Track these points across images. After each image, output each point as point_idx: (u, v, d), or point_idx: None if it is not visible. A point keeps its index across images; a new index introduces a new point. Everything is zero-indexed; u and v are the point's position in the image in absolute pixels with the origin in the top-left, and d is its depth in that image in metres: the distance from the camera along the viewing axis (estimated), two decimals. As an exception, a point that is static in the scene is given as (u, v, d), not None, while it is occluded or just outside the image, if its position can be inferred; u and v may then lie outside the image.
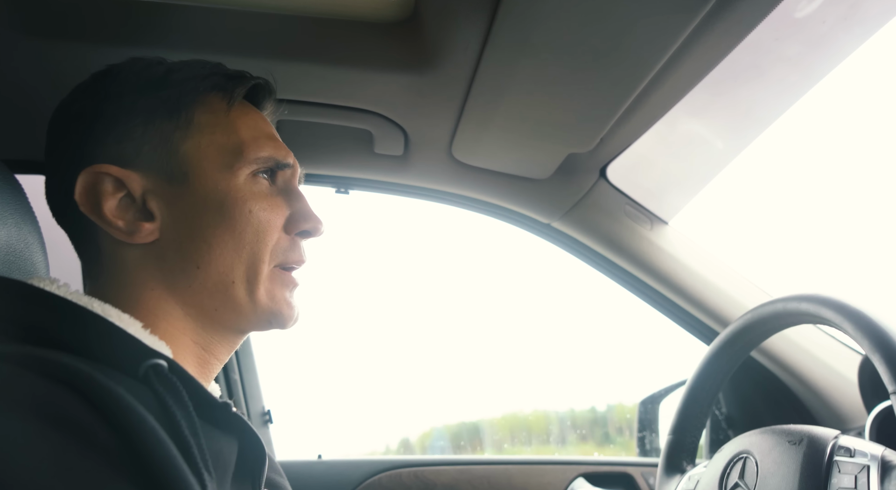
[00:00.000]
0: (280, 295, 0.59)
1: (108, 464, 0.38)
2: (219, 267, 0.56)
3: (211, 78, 0.59)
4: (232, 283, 0.57)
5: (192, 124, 0.58)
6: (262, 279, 0.58)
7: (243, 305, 0.57)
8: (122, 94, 0.57)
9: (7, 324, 0.46)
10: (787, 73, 0.91)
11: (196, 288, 0.56)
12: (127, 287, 0.56)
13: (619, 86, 0.81)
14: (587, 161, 1.09)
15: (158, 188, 0.56)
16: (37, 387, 0.39)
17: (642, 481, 1.29)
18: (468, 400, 2.20)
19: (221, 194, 0.57)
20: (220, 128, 0.59)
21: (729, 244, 1.25)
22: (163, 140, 0.57)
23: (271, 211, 0.59)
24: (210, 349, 0.59)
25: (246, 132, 0.60)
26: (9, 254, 0.59)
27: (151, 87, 0.57)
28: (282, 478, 0.70)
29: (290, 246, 0.60)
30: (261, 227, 0.57)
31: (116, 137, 0.56)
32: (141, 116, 0.57)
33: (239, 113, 0.60)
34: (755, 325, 0.82)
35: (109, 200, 0.55)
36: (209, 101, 0.59)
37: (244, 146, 0.59)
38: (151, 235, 0.56)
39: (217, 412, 0.51)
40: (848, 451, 0.63)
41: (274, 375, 1.43)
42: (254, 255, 0.57)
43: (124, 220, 0.56)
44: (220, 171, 0.57)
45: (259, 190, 0.59)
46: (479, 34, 0.76)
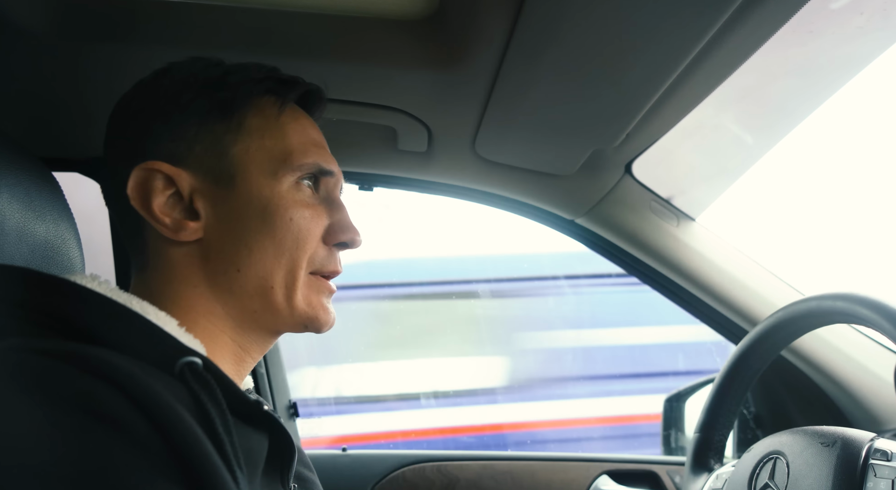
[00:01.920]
0: (317, 301, 0.60)
1: (148, 459, 0.39)
2: (258, 271, 0.57)
3: (265, 82, 0.60)
4: (271, 288, 0.58)
5: (243, 127, 0.58)
6: (300, 285, 0.59)
7: (281, 309, 0.58)
8: (179, 92, 0.59)
9: (48, 319, 0.48)
10: (822, 67, 0.89)
11: (236, 290, 0.57)
12: (171, 283, 0.57)
13: (647, 81, 0.80)
14: (613, 157, 1.08)
15: (206, 188, 0.57)
16: (79, 382, 0.41)
17: (667, 480, 1.28)
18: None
19: (265, 200, 0.57)
20: (270, 132, 0.59)
21: (759, 241, 1.22)
22: (214, 141, 0.58)
23: (312, 220, 0.59)
24: (246, 348, 0.60)
25: (294, 138, 0.60)
26: (47, 250, 0.61)
27: (208, 88, 0.58)
28: (311, 472, 0.72)
29: (327, 255, 0.61)
30: (301, 235, 0.58)
31: (171, 135, 0.58)
32: (195, 116, 0.58)
33: (289, 118, 0.61)
34: (787, 323, 0.81)
35: (159, 197, 0.57)
36: (261, 105, 0.60)
37: (291, 153, 0.59)
38: (196, 234, 0.57)
39: (249, 410, 0.52)
40: (884, 455, 0.62)
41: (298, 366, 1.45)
42: (292, 262, 0.58)
43: (171, 217, 0.57)
44: (265, 176, 0.58)
45: (301, 198, 0.59)
46: (503, 30, 0.75)
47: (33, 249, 0.59)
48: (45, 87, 0.88)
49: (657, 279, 1.20)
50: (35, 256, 0.59)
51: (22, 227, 0.58)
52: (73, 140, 1.01)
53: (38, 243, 0.60)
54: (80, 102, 0.91)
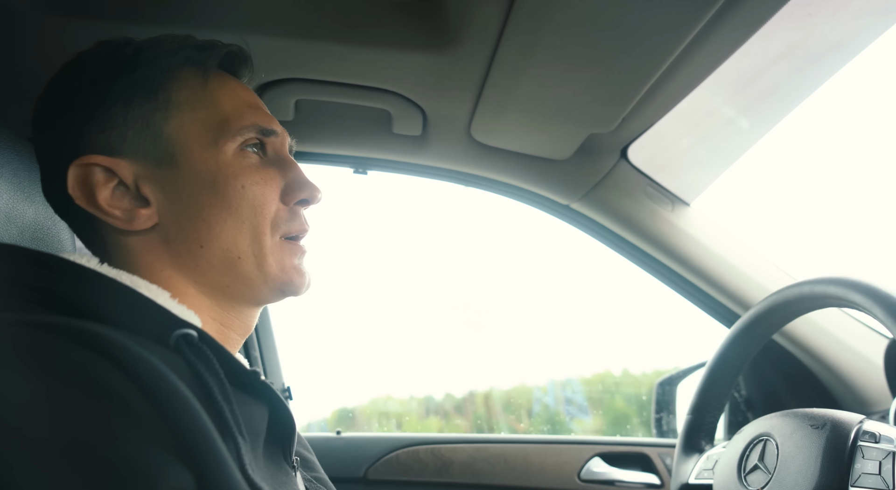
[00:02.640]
0: (289, 263, 0.59)
1: (142, 430, 0.39)
2: (222, 244, 0.56)
3: (181, 51, 0.58)
4: (238, 258, 0.57)
5: (171, 103, 0.56)
6: (269, 251, 0.58)
7: (254, 278, 0.58)
8: (95, 80, 0.57)
9: (42, 295, 0.48)
10: (819, 50, 0.88)
11: (203, 266, 0.56)
12: (137, 272, 0.56)
13: (643, 65, 0.79)
14: (608, 141, 1.07)
15: (149, 173, 0.56)
16: (74, 355, 0.40)
17: (659, 462, 1.29)
18: (479, 374, 2.22)
19: (212, 172, 0.56)
20: (200, 103, 0.57)
21: (753, 227, 1.22)
22: (145, 123, 0.56)
23: (264, 184, 0.58)
24: (227, 324, 0.59)
25: (227, 104, 0.58)
26: (36, 231, 0.60)
27: (123, 70, 0.56)
28: (310, 453, 0.72)
29: (290, 216, 0.60)
30: (256, 201, 0.57)
31: (99, 126, 0.56)
32: (119, 101, 0.56)
33: (217, 85, 0.59)
34: (779, 307, 0.81)
35: (103, 190, 0.55)
36: (183, 77, 0.58)
37: (227, 119, 0.57)
38: (150, 220, 0.56)
39: (247, 379, 0.51)
40: (873, 437, 0.62)
41: (292, 350, 1.45)
42: (254, 229, 0.57)
43: (120, 208, 0.56)
44: (206, 148, 0.56)
45: (249, 163, 0.58)
46: (499, 13, 0.74)
47: (22, 230, 0.58)
48: (31, 66, 0.86)
49: (651, 264, 1.21)
50: (24, 237, 0.59)
51: (10, 208, 0.57)
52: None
53: (26, 224, 0.59)
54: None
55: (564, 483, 1.27)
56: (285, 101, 0.95)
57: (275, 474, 0.54)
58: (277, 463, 0.55)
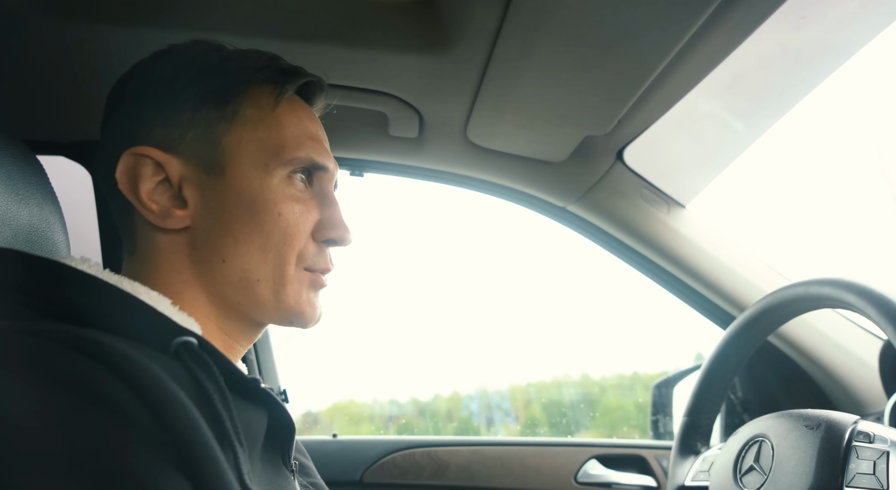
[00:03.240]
0: (305, 296, 0.59)
1: (140, 439, 0.39)
2: (244, 264, 0.57)
3: (264, 71, 0.59)
4: (257, 281, 0.57)
5: (238, 117, 0.57)
6: (289, 280, 0.58)
7: (267, 303, 0.58)
8: (175, 77, 0.58)
9: (40, 301, 0.47)
10: (814, 53, 0.89)
11: (220, 280, 0.57)
12: (157, 268, 0.57)
13: (638, 67, 0.79)
14: (604, 143, 1.08)
15: (195, 177, 0.57)
16: (72, 362, 0.40)
17: (655, 464, 1.30)
18: (473, 374, 2.22)
19: (254, 193, 0.57)
20: (264, 123, 0.58)
21: (748, 228, 1.23)
22: (207, 129, 0.57)
23: (301, 215, 0.58)
24: (233, 336, 0.60)
25: (289, 130, 0.59)
26: (31, 233, 0.60)
27: (205, 74, 0.57)
28: (307, 459, 0.72)
29: (317, 252, 0.60)
30: (289, 231, 0.57)
31: (164, 121, 0.57)
32: (190, 102, 0.57)
33: (286, 110, 0.60)
34: (774, 308, 0.82)
35: (147, 183, 0.56)
36: (258, 95, 0.59)
37: (284, 146, 0.58)
38: (183, 222, 0.57)
39: (246, 387, 0.51)
40: (867, 437, 0.63)
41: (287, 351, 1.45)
42: (280, 257, 0.57)
43: (158, 204, 0.56)
44: (256, 168, 0.57)
45: (292, 193, 0.58)
46: (495, 15, 0.74)
47: (16, 234, 0.58)
48: (29, 68, 0.86)
49: (647, 266, 1.21)
50: (18, 241, 0.58)
51: (4, 211, 0.57)
52: (58, 123, 1.00)
53: (21, 227, 0.59)
54: (66, 84, 0.90)
55: (561, 485, 1.27)
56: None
57: (273, 479, 0.53)
58: (276, 468, 0.55)
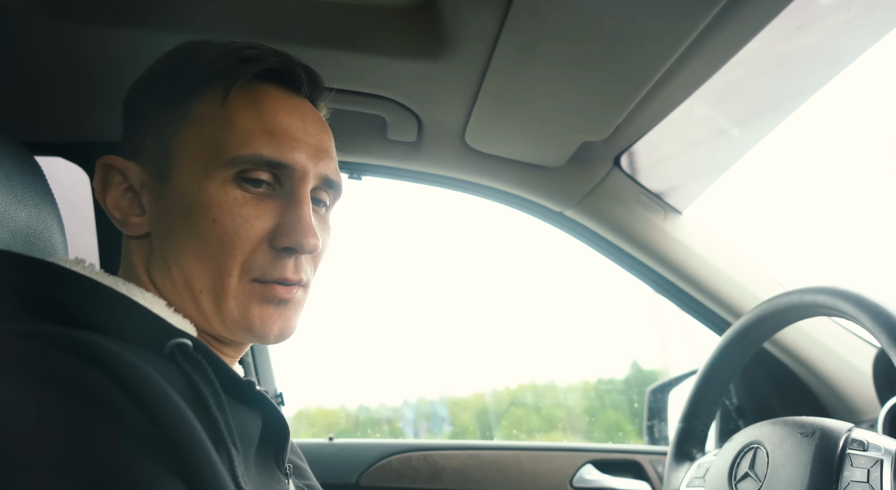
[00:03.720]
0: (255, 312, 0.54)
1: (135, 441, 0.39)
2: (185, 272, 0.53)
3: (220, 62, 0.54)
4: (199, 292, 0.53)
5: (187, 117, 0.54)
6: (231, 293, 0.53)
7: (210, 316, 0.54)
8: (150, 84, 0.58)
9: (35, 303, 0.47)
10: (809, 62, 0.90)
11: (170, 288, 0.55)
12: (130, 272, 0.58)
13: (636, 74, 0.80)
14: (602, 149, 1.08)
15: (150, 183, 0.56)
16: (67, 364, 0.40)
17: (651, 469, 1.30)
18: (468, 377, 2.23)
19: (190, 197, 0.52)
20: (213, 121, 0.53)
21: (744, 235, 1.23)
22: (160, 133, 0.55)
23: (243, 222, 0.52)
24: (214, 345, 0.58)
25: (239, 126, 0.53)
26: (29, 235, 0.60)
27: (167, 76, 0.56)
28: (302, 461, 0.71)
29: (271, 261, 0.53)
30: (225, 239, 0.52)
31: (137, 128, 0.58)
32: (153, 108, 0.56)
33: (243, 103, 0.54)
34: (770, 316, 0.82)
35: (113, 191, 0.57)
36: (212, 91, 0.54)
37: (226, 144, 0.52)
38: (141, 229, 0.56)
39: (241, 389, 0.51)
40: (861, 445, 0.63)
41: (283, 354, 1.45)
42: (219, 267, 0.52)
43: (120, 210, 0.57)
44: (196, 171, 0.53)
45: (234, 198, 0.52)
46: (494, 21, 0.75)
47: (14, 234, 0.58)
48: (27, 70, 0.86)
49: (644, 271, 1.21)
50: (16, 241, 0.58)
51: (2, 212, 0.57)
52: (57, 124, 0.99)
53: (19, 228, 0.59)
54: (64, 86, 0.90)
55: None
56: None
57: (267, 482, 0.53)
58: (270, 471, 0.55)
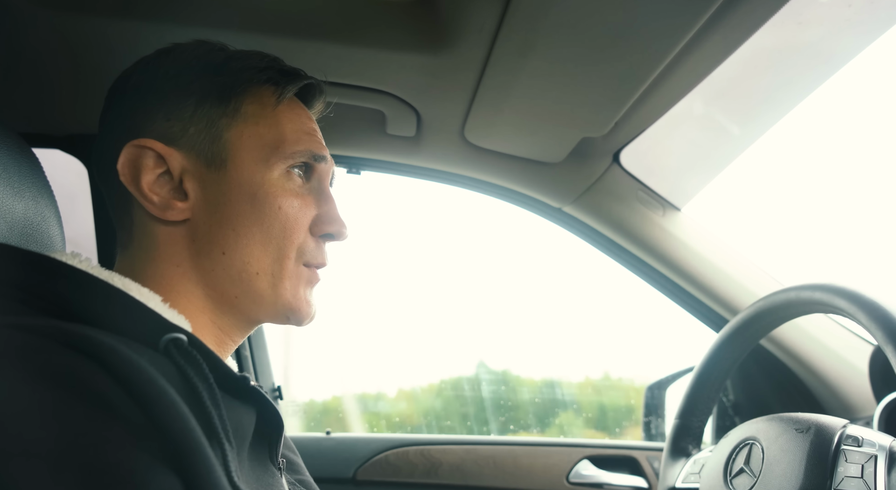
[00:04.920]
0: (302, 292, 0.60)
1: (130, 434, 0.39)
2: (244, 256, 0.57)
3: (267, 71, 0.61)
4: (256, 274, 0.58)
5: (240, 113, 0.59)
6: (288, 274, 0.59)
7: (265, 297, 0.59)
8: (180, 73, 0.59)
9: (30, 296, 0.47)
10: (809, 58, 0.90)
11: (219, 273, 0.57)
12: (154, 261, 0.57)
13: (636, 70, 0.80)
14: (601, 145, 1.08)
15: (196, 170, 0.58)
16: (61, 358, 0.40)
17: (647, 465, 1.30)
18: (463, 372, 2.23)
19: (255, 186, 0.58)
20: (265, 120, 0.60)
21: (742, 232, 1.24)
22: (209, 124, 0.58)
23: (300, 209, 0.59)
24: (226, 331, 0.60)
25: (288, 127, 0.61)
26: (26, 227, 0.60)
27: (209, 72, 0.59)
28: (296, 455, 0.72)
29: (315, 247, 0.61)
30: (288, 224, 0.58)
31: (166, 115, 0.58)
32: (193, 98, 0.58)
33: (285, 108, 0.62)
34: (767, 313, 0.82)
35: (148, 174, 0.57)
36: (260, 94, 0.60)
37: (283, 141, 0.60)
38: (183, 214, 0.57)
39: (236, 384, 0.52)
40: (856, 441, 0.63)
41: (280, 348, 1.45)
42: (280, 251, 0.58)
43: (160, 195, 0.57)
44: (256, 163, 0.58)
45: (291, 187, 0.60)
46: (494, 15, 0.75)
47: (11, 227, 0.58)
48: (26, 61, 0.86)
49: (642, 268, 1.21)
50: (13, 234, 0.58)
51: (0, 204, 0.57)
52: (54, 116, 0.99)
53: (16, 220, 0.58)
54: (62, 77, 0.89)
55: (553, 485, 1.27)
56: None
57: (260, 477, 0.54)
58: (263, 465, 0.56)
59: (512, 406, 2.19)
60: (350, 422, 2.06)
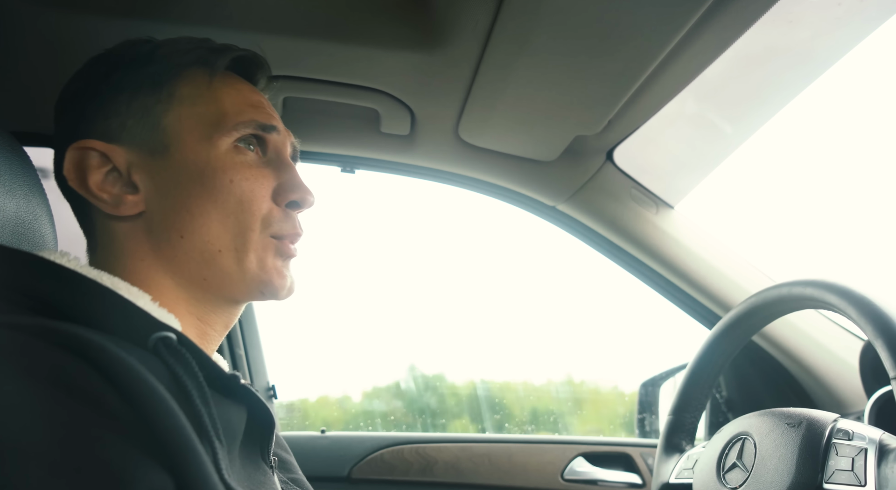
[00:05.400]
0: (271, 263, 0.59)
1: (119, 432, 0.39)
2: (203, 236, 0.57)
3: (195, 51, 0.60)
4: (218, 251, 0.57)
5: (174, 97, 0.58)
6: (252, 247, 0.58)
7: (232, 273, 0.58)
8: (109, 72, 0.59)
9: (19, 295, 0.47)
10: (800, 56, 0.90)
11: (181, 257, 0.57)
12: (119, 259, 0.57)
13: (629, 68, 0.80)
14: (594, 143, 1.09)
15: (142, 161, 0.58)
16: (51, 357, 0.40)
17: (641, 462, 1.31)
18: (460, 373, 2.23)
19: (201, 164, 0.57)
20: (202, 99, 0.59)
21: (734, 229, 1.24)
22: (145, 113, 0.58)
23: (255, 180, 0.58)
24: (206, 320, 0.59)
25: (228, 101, 0.60)
26: (17, 225, 0.60)
27: (137, 64, 0.59)
28: (288, 454, 0.72)
29: (283, 217, 0.60)
30: (244, 197, 0.57)
31: (104, 114, 0.58)
32: (126, 92, 0.58)
33: (222, 84, 0.61)
34: (759, 309, 0.83)
35: (95, 174, 0.57)
36: (192, 75, 0.60)
37: (224, 115, 0.59)
38: (137, 207, 0.57)
39: (225, 383, 0.52)
40: (846, 434, 0.64)
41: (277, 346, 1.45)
42: (241, 224, 0.57)
43: (109, 193, 0.57)
44: (200, 142, 0.58)
45: (242, 160, 0.59)
46: (487, 13, 0.75)
47: (3, 225, 0.58)
48: (16, 58, 0.85)
49: (635, 265, 1.22)
50: (5, 232, 0.58)
51: (-9, 202, 0.56)
52: (45, 114, 0.98)
53: (7, 219, 0.58)
54: (53, 75, 0.88)
55: (548, 483, 1.28)
56: (273, 98, 0.95)
57: (252, 475, 0.54)
58: (255, 463, 0.55)
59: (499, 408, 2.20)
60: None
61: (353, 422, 2.15)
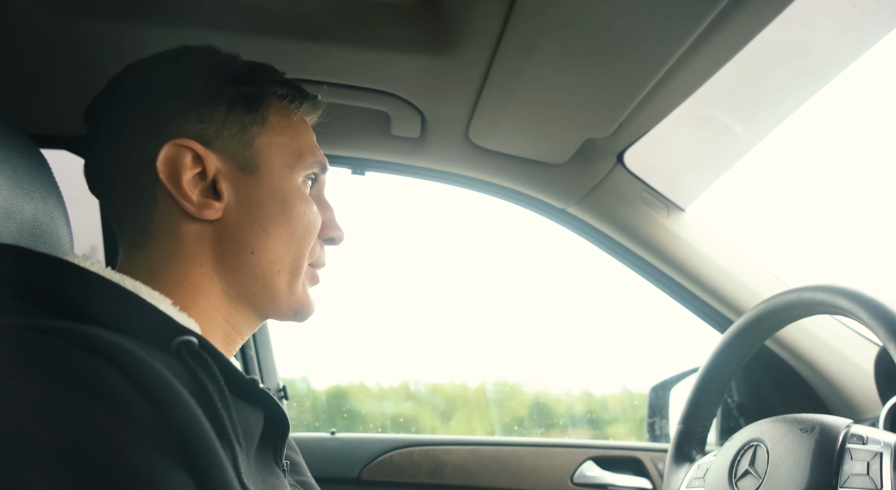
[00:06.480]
0: (309, 290, 0.65)
1: (145, 435, 0.40)
2: (271, 256, 0.61)
3: (286, 86, 0.65)
4: (278, 272, 0.61)
5: (267, 122, 0.63)
6: (302, 273, 0.63)
7: (282, 293, 0.62)
8: (208, 77, 0.61)
9: (44, 298, 0.48)
10: (813, 59, 0.89)
11: (244, 271, 0.60)
12: (176, 260, 0.58)
13: (640, 70, 0.80)
14: (605, 146, 1.08)
15: (230, 172, 0.60)
16: (77, 359, 0.41)
17: (651, 466, 1.30)
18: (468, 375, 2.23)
19: (284, 191, 0.62)
20: (287, 131, 0.64)
21: (746, 233, 1.23)
22: (241, 130, 0.61)
23: (316, 215, 0.64)
24: (237, 328, 0.62)
25: (304, 139, 0.66)
26: (35, 228, 0.60)
27: (238, 80, 0.62)
28: (297, 454, 0.72)
29: (320, 249, 0.67)
30: (309, 228, 0.63)
31: (199, 117, 0.59)
32: (224, 104, 0.60)
33: (300, 121, 0.67)
34: (770, 314, 0.82)
35: (187, 173, 0.58)
36: (280, 106, 0.65)
37: (304, 151, 0.65)
38: (216, 214, 0.59)
39: (245, 387, 0.52)
40: (861, 439, 0.63)
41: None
42: (299, 251, 0.62)
43: (198, 195, 0.59)
44: (283, 169, 0.63)
45: (308, 194, 0.65)
46: (498, 16, 0.75)
47: (21, 227, 0.59)
48: (33, 62, 0.87)
49: (646, 269, 1.21)
50: (23, 235, 0.59)
51: (9, 205, 0.57)
52: (62, 117, 1.00)
53: (25, 221, 0.59)
54: (69, 78, 0.90)
55: (557, 486, 1.27)
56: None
57: (266, 478, 0.55)
58: (268, 466, 0.56)
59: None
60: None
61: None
